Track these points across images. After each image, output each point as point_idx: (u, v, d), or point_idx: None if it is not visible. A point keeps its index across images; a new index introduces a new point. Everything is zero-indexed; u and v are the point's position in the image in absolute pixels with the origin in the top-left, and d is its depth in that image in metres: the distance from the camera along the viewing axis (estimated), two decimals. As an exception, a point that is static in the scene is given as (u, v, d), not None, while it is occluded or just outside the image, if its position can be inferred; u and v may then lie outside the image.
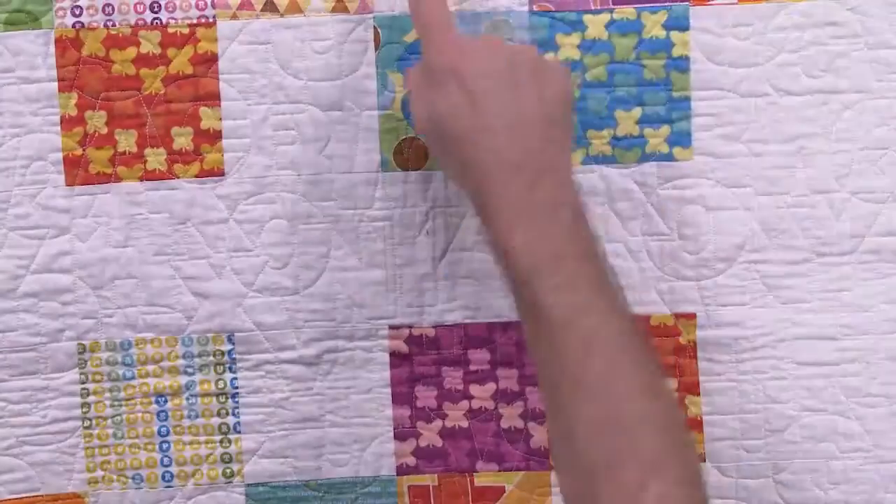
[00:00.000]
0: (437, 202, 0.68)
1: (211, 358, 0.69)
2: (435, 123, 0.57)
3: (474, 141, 0.55)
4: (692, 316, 0.68)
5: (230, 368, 0.69)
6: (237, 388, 0.69)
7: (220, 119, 0.68)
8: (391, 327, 0.69)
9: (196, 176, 0.68)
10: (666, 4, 0.67)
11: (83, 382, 0.69)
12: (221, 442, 0.69)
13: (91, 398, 0.69)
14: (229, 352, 0.69)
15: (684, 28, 0.67)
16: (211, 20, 0.67)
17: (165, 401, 0.69)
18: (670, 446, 0.50)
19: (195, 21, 0.67)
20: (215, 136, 0.68)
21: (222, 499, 0.69)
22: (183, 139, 0.68)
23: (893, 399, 0.68)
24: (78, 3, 0.67)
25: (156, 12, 0.67)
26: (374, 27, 0.67)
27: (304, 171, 0.68)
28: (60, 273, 0.68)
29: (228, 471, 0.69)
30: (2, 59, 0.67)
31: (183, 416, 0.69)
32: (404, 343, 0.69)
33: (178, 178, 0.68)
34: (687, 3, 0.67)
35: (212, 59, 0.67)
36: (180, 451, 0.69)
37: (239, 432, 0.69)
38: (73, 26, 0.67)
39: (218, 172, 0.68)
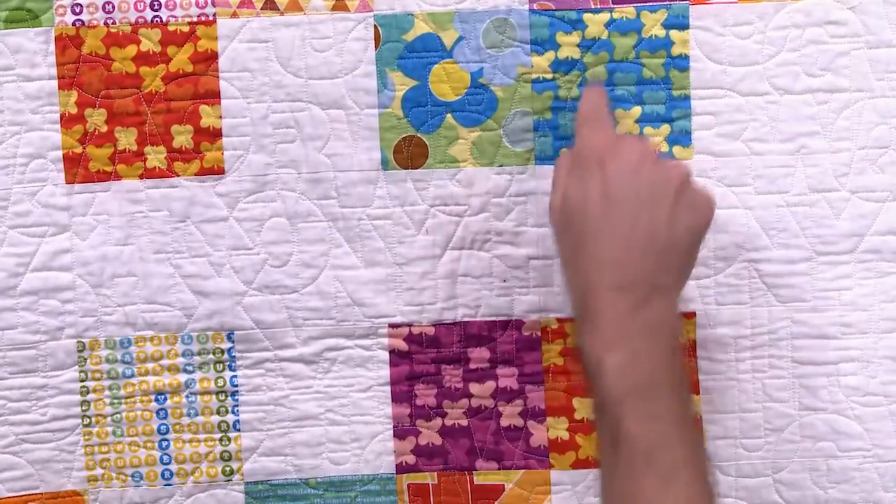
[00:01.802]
0: (437, 201, 0.68)
1: (210, 356, 0.69)
2: (565, 210, 0.56)
3: (595, 241, 0.54)
4: (692, 315, 0.68)
5: (230, 366, 0.69)
6: (237, 386, 0.69)
7: (220, 117, 0.68)
8: (391, 325, 0.69)
9: (196, 174, 0.68)
10: (665, 3, 0.67)
11: (83, 380, 0.69)
12: (221, 440, 0.69)
13: (91, 396, 0.69)
14: (229, 350, 0.69)
15: (684, 27, 0.67)
16: (211, 18, 0.67)
17: (165, 399, 0.69)
18: None
19: (195, 19, 0.67)
20: (215, 135, 0.68)
21: (222, 497, 0.69)
22: (183, 137, 0.68)
23: (893, 398, 0.68)
24: (78, 1, 0.67)
25: (156, 10, 0.67)
26: (375, 25, 0.67)
27: (304, 170, 0.68)
28: (60, 271, 0.68)
29: (228, 469, 0.69)
30: (2, 56, 0.67)
31: (182, 414, 0.69)
32: (404, 341, 0.69)
33: (178, 176, 0.68)
34: (686, 1, 0.67)
35: (212, 57, 0.67)
36: (180, 449, 0.69)
37: (238, 430, 0.69)
38: (74, 24, 0.67)
39: (218, 170, 0.68)
